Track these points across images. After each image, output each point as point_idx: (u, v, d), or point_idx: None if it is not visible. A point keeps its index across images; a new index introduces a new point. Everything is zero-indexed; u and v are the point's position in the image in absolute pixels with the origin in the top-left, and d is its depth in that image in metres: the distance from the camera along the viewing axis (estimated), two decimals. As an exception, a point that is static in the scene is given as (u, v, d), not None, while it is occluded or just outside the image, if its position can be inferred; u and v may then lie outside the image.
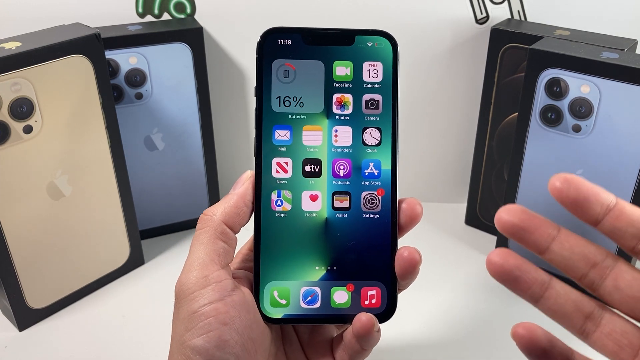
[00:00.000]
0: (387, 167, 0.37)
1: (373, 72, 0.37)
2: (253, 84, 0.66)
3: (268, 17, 0.63)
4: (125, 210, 0.58)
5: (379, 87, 0.37)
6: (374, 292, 0.36)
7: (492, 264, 0.28)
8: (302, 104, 0.37)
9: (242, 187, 0.36)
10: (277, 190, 0.37)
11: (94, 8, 0.60)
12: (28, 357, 0.50)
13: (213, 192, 0.67)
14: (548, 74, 0.52)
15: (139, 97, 0.59)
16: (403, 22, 0.63)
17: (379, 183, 0.37)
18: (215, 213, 0.36)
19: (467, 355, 0.50)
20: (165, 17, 0.63)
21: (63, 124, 0.50)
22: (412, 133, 0.69)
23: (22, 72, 0.46)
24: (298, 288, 0.36)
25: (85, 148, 0.52)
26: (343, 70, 0.37)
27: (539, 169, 0.55)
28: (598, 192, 0.27)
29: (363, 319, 0.35)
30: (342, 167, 0.37)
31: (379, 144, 0.37)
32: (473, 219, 0.68)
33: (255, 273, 0.36)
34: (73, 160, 0.52)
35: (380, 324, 0.36)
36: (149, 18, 0.62)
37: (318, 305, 0.36)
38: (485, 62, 0.61)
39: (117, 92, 0.58)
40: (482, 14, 0.63)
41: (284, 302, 0.36)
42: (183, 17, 0.63)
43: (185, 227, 0.67)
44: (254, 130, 0.37)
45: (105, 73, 0.52)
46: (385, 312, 0.36)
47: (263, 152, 0.37)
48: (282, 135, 0.37)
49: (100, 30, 0.52)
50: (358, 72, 0.37)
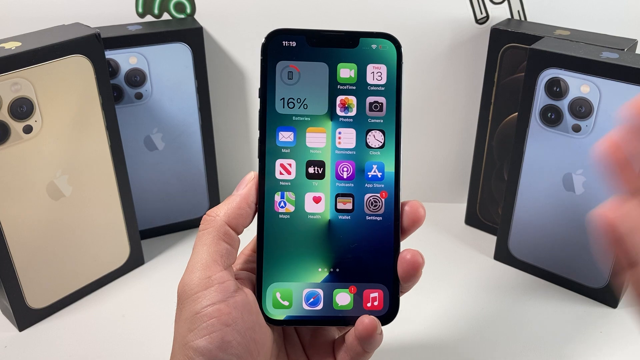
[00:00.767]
0: (390, 169, 0.37)
1: (377, 74, 0.37)
2: (253, 84, 0.67)
3: (268, 17, 0.63)
4: (125, 210, 0.58)
5: (383, 89, 0.37)
6: (377, 294, 0.36)
7: (604, 147, 0.26)
8: (306, 106, 0.37)
9: (245, 188, 0.36)
10: (280, 192, 0.37)
11: (94, 8, 0.60)
12: (28, 357, 0.50)
13: (213, 192, 0.67)
14: (548, 74, 0.52)
15: (139, 97, 0.59)
16: (403, 22, 0.63)
17: (382, 185, 0.37)
18: (219, 214, 0.36)
19: (467, 355, 0.51)
20: (165, 17, 0.63)
21: (63, 124, 0.50)
22: (411, 133, 0.69)
23: (22, 72, 0.46)
24: (300, 290, 0.36)
25: (85, 148, 0.52)
26: (347, 73, 0.37)
27: (539, 169, 0.55)
28: None
29: (366, 322, 0.35)
30: (345, 169, 0.37)
31: (383, 147, 0.37)
32: (473, 219, 0.68)
33: (258, 274, 0.36)
34: (73, 160, 0.52)
35: (383, 326, 0.36)
36: (149, 18, 0.62)
37: (320, 307, 0.36)
38: (485, 62, 0.61)
39: (117, 92, 0.58)
40: (482, 14, 0.63)
41: (287, 303, 0.36)
42: (183, 17, 0.63)
43: (185, 227, 0.67)
44: (256, 131, 0.37)
45: (105, 73, 0.52)
46: (388, 314, 0.36)
47: (267, 153, 0.37)
48: (285, 137, 0.37)
49: (100, 30, 0.52)
50: (362, 74, 0.37)
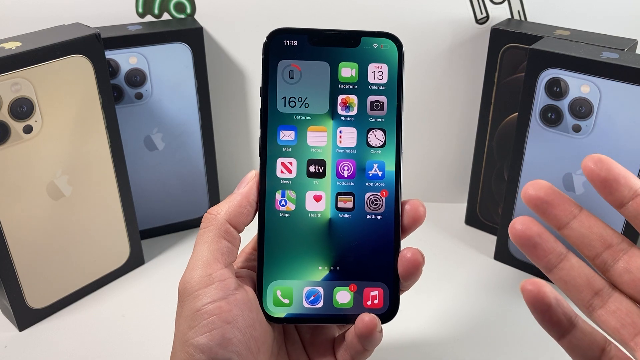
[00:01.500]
0: (391, 168, 0.37)
1: (378, 73, 0.37)
2: (253, 84, 0.67)
3: (268, 17, 0.63)
4: (125, 210, 0.58)
5: (384, 88, 0.37)
6: (377, 292, 0.36)
7: (514, 230, 0.29)
8: (307, 105, 0.37)
9: (246, 186, 0.36)
10: (281, 190, 0.37)
11: (94, 8, 0.60)
12: (28, 357, 0.50)
13: (213, 192, 0.67)
14: (548, 74, 0.52)
15: (139, 97, 0.59)
16: (403, 22, 0.63)
17: (383, 184, 0.37)
18: (220, 212, 0.36)
19: (467, 355, 0.51)
20: (165, 17, 0.63)
21: (63, 124, 0.50)
22: (412, 133, 0.69)
23: (22, 72, 0.46)
24: (301, 288, 0.36)
25: (85, 148, 0.52)
26: (348, 72, 0.37)
27: (539, 169, 0.55)
28: (628, 176, 0.28)
29: (366, 320, 0.35)
30: (346, 168, 0.37)
31: (383, 146, 0.37)
32: (473, 219, 0.68)
33: (259, 272, 0.36)
34: (73, 160, 0.52)
35: (383, 325, 0.36)
36: (149, 18, 0.62)
37: (321, 305, 0.36)
38: (485, 62, 0.61)
39: (117, 92, 0.58)
40: (482, 14, 0.63)
41: (287, 301, 0.36)
42: (183, 17, 0.63)
43: (185, 227, 0.67)
44: (256, 131, 0.37)
45: (105, 73, 0.52)
46: (388, 312, 0.36)
47: (268, 152, 0.37)
48: (287, 136, 0.37)
49: (100, 30, 0.52)
50: (363, 73, 0.37)
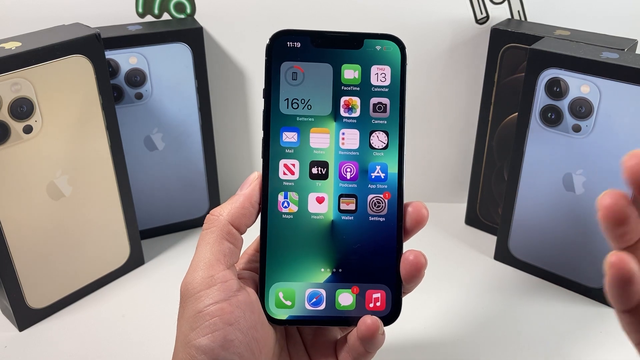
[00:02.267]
0: (393, 170, 0.37)
1: (381, 75, 0.37)
2: (253, 84, 0.67)
3: (268, 17, 0.63)
4: (125, 210, 0.58)
5: (387, 90, 0.37)
6: (379, 295, 0.36)
7: (604, 206, 0.26)
8: (310, 107, 0.37)
9: (249, 187, 0.36)
10: (283, 192, 0.37)
11: (94, 8, 0.60)
12: (28, 357, 0.50)
13: (213, 192, 0.67)
14: (548, 74, 0.52)
15: (139, 97, 0.59)
16: (403, 22, 0.63)
17: (386, 186, 0.37)
18: (222, 213, 0.36)
19: (467, 355, 0.51)
20: (165, 17, 0.63)
21: (63, 124, 0.50)
22: (412, 133, 0.69)
23: (22, 72, 0.46)
24: (303, 289, 0.36)
25: (85, 148, 0.52)
26: (351, 74, 0.37)
27: (539, 169, 0.55)
28: None
29: (368, 322, 0.35)
30: (348, 169, 0.37)
31: (386, 148, 0.37)
32: (473, 219, 0.68)
33: (261, 274, 0.36)
34: (73, 160, 0.52)
35: (385, 327, 0.36)
36: (149, 18, 0.62)
37: (323, 307, 0.36)
38: (485, 62, 0.61)
39: (117, 92, 0.58)
40: (482, 14, 0.63)
41: (289, 303, 0.36)
42: (183, 17, 0.63)
43: (185, 227, 0.67)
44: (257, 131, 0.37)
45: (105, 73, 0.52)
46: (390, 315, 0.36)
47: (270, 153, 0.37)
48: (289, 137, 0.37)
49: (100, 30, 0.52)
50: (366, 75, 0.37)
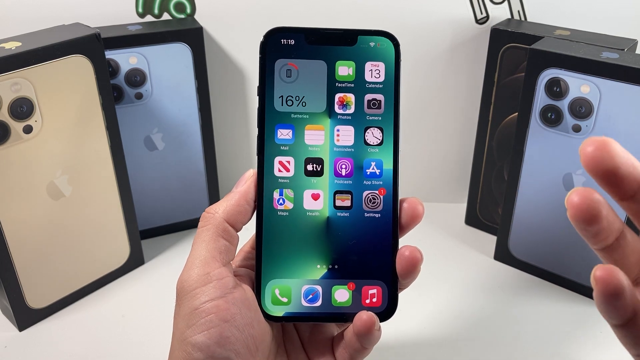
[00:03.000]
0: (388, 166, 0.37)
1: (375, 72, 0.37)
2: (253, 84, 0.67)
3: (268, 17, 0.63)
4: (125, 210, 0.58)
5: (381, 87, 0.37)
6: (375, 291, 0.36)
7: (573, 204, 0.25)
8: (304, 104, 0.37)
9: (244, 185, 0.36)
10: (279, 189, 0.37)
11: (94, 8, 0.60)
12: (28, 357, 0.50)
13: (213, 192, 0.67)
14: (548, 74, 0.52)
15: (139, 97, 0.59)
16: (403, 22, 0.63)
17: (381, 182, 0.37)
18: (217, 211, 0.36)
19: (466, 355, 0.50)
20: (165, 17, 0.63)
21: (63, 124, 0.50)
22: (412, 133, 0.69)
23: (22, 72, 0.46)
24: (299, 286, 0.36)
25: (85, 148, 0.52)
26: (345, 70, 0.37)
27: (539, 169, 0.55)
28: (636, 165, 0.23)
29: (364, 317, 0.35)
30: (344, 166, 0.37)
31: (381, 144, 0.37)
32: (473, 219, 0.68)
33: (257, 271, 0.36)
34: (73, 160, 0.52)
35: (381, 323, 0.36)
36: (149, 18, 0.62)
37: (319, 304, 0.36)
38: (485, 62, 0.61)
39: (117, 92, 0.58)
40: (482, 14, 0.63)
41: (285, 300, 0.36)
42: (183, 17, 0.63)
43: (185, 227, 0.67)
44: (256, 129, 0.37)
45: (105, 73, 0.52)
46: (386, 311, 0.36)
47: (265, 150, 0.37)
48: (284, 134, 0.37)
49: (100, 30, 0.52)
50: (360, 72, 0.37)
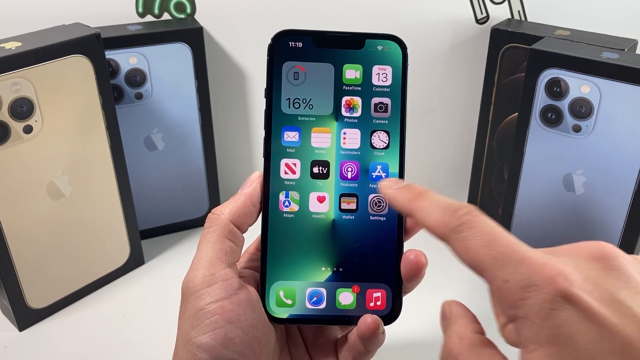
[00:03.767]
0: (394, 170, 0.37)
1: (382, 75, 0.37)
2: (253, 84, 0.67)
3: (268, 17, 0.63)
4: (125, 210, 0.58)
5: (388, 90, 0.37)
6: (380, 294, 0.36)
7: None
8: (311, 106, 0.37)
9: (250, 187, 0.36)
10: (285, 191, 0.37)
11: (94, 8, 0.60)
12: (28, 357, 0.50)
13: (213, 192, 0.67)
14: (548, 74, 0.52)
15: (139, 97, 0.59)
16: (403, 22, 0.63)
17: None
18: (223, 212, 0.36)
19: (468, 355, 0.51)
20: (165, 17, 0.63)
21: (63, 124, 0.50)
22: (412, 133, 0.69)
23: (22, 72, 0.46)
24: (304, 288, 0.36)
25: (86, 148, 0.52)
26: (353, 74, 0.37)
27: (539, 169, 0.55)
28: None
29: (368, 321, 0.35)
30: (349, 169, 0.37)
31: (387, 147, 0.37)
32: (472, 219, 0.68)
33: (262, 272, 0.36)
34: (73, 160, 0.52)
35: (385, 326, 0.36)
36: (149, 18, 0.62)
37: (323, 306, 0.36)
38: (485, 62, 0.61)
39: (117, 92, 0.58)
40: (482, 14, 0.63)
41: (290, 302, 0.36)
42: (183, 17, 0.63)
43: (185, 227, 0.67)
44: (256, 131, 0.37)
45: (105, 73, 0.52)
46: (390, 314, 0.36)
47: (272, 152, 0.37)
48: (291, 137, 0.37)
49: (100, 30, 0.52)
50: (367, 75, 0.37)
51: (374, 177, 0.37)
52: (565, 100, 0.52)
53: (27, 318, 0.53)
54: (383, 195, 0.35)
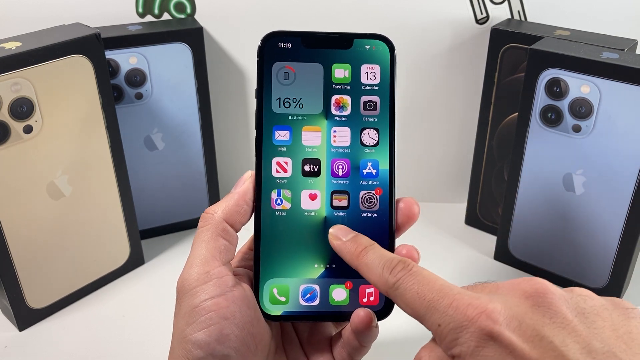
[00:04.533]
0: (385, 166, 0.37)
1: (371, 74, 0.37)
2: (253, 84, 0.67)
3: (268, 17, 0.63)
4: (125, 210, 0.58)
5: (377, 89, 0.37)
6: (372, 289, 0.37)
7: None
8: (301, 105, 0.37)
9: (242, 186, 0.37)
10: (277, 189, 0.37)
11: (94, 8, 0.60)
12: (28, 357, 0.51)
13: (213, 192, 0.67)
14: (548, 74, 0.52)
15: (139, 97, 0.59)
16: (403, 22, 0.63)
17: (377, 182, 0.37)
18: (217, 211, 0.36)
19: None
20: (165, 17, 0.63)
21: (63, 124, 0.50)
22: (412, 133, 0.69)
23: (22, 72, 0.46)
24: (297, 285, 0.37)
25: (86, 148, 0.52)
26: (342, 73, 0.37)
27: (539, 169, 0.55)
28: None
29: (361, 314, 0.35)
30: (340, 166, 0.37)
31: (377, 144, 0.37)
32: (473, 219, 0.68)
33: (255, 270, 0.37)
34: (73, 160, 0.52)
35: (379, 322, 0.36)
36: (149, 18, 0.63)
37: (317, 303, 0.36)
38: (485, 62, 0.61)
39: (117, 92, 0.58)
40: (482, 14, 0.63)
41: (284, 299, 0.36)
42: (183, 17, 0.63)
43: (185, 227, 0.67)
44: (255, 131, 0.37)
45: (105, 73, 0.52)
46: (383, 309, 0.36)
47: (263, 152, 0.37)
48: (281, 136, 0.37)
49: (100, 30, 0.52)
50: (356, 74, 0.37)
51: (365, 174, 0.37)
52: (565, 100, 0.52)
53: (27, 318, 0.53)
54: (330, 242, 0.36)
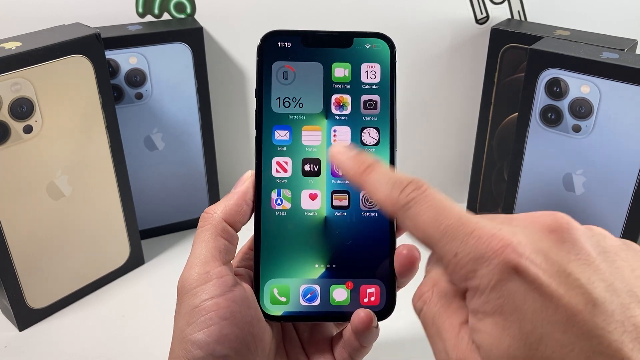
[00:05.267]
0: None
1: (371, 73, 0.37)
2: (253, 84, 0.67)
3: (268, 17, 0.63)
4: (125, 210, 0.58)
5: (377, 88, 0.37)
6: (373, 290, 0.36)
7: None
8: (301, 105, 0.37)
9: (242, 185, 0.37)
10: (277, 189, 0.37)
11: (94, 8, 0.60)
12: (28, 357, 0.51)
13: (213, 192, 0.67)
14: (548, 74, 0.52)
15: (139, 97, 0.59)
16: (403, 22, 0.63)
17: None
18: (216, 211, 0.36)
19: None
20: (165, 17, 0.63)
21: (63, 124, 0.50)
22: (412, 133, 0.69)
23: (22, 72, 0.46)
24: (298, 286, 0.36)
25: (85, 148, 0.52)
26: (341, 72, 0.37)
27: (539, 169, 0.55)
28: None
29: (362, 315, 0.35)
30: None
31: (377, 144, 0.37)
32: (473, 219, 0.68)
33: (256, 271, 0.36)
34: (73, 160, 0.52)
35: (379, 322, 0.36)
36: (149, 18, 0.63)
37: (317, 303, 0.36)
38: (485, 62, 0.61)
39: (117, 92, 0.58)
40: (482, 14, 0.63)
41: (284, 299, 0.36)
42: (183, 17, 0.63)
43: (185, 227, 0.67)
44: (255, 130, 0.37)
45: (105, 73, 0.52)
46: (385, 310, 0.36)
47: (263, 151, 0.37)
48: (281, 135, 0.37)
49: (100, 30, 0.52)
50: (356, 73, 0.37)
51: None
52: (565, 100, 0.52)
53: (27, 318, 0.53)
54: (331, 160, 0.33)
